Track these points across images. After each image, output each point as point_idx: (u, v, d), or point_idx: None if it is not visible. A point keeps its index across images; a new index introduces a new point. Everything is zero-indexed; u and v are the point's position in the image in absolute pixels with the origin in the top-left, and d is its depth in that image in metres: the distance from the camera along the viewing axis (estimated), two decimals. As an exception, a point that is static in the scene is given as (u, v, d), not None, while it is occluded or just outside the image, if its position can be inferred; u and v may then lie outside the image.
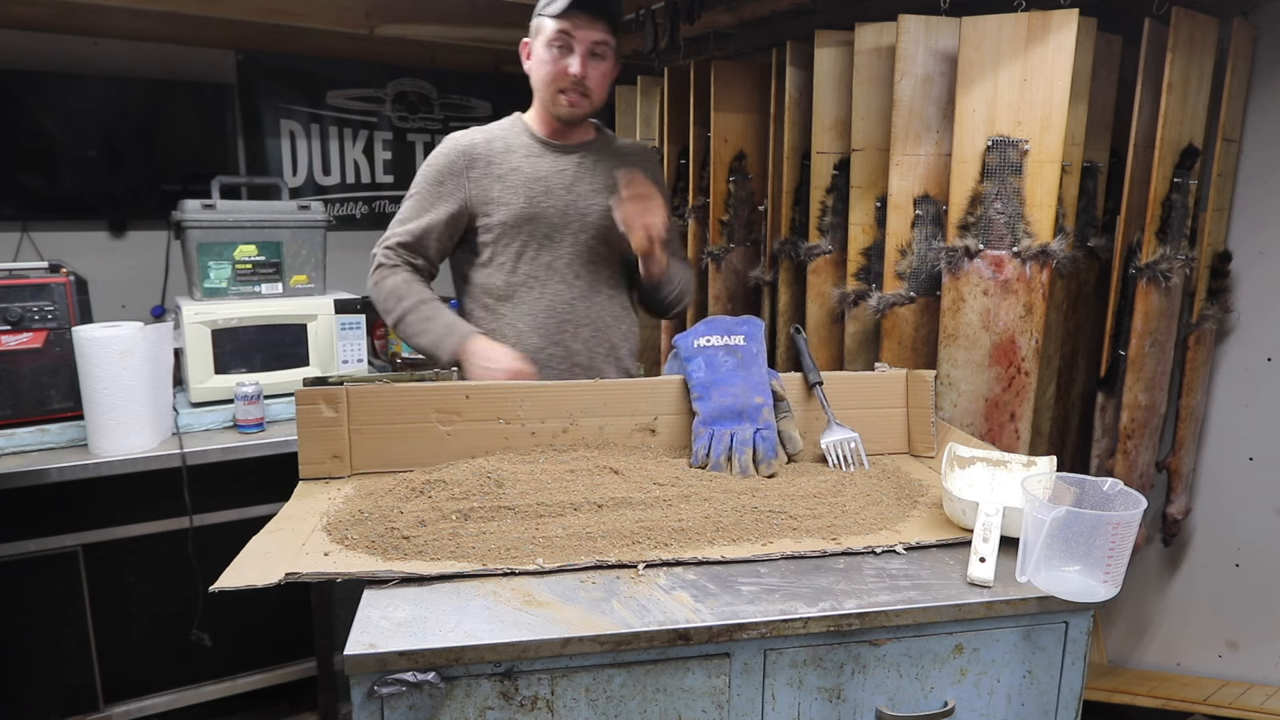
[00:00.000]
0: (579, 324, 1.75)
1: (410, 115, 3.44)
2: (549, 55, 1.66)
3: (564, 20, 1.62)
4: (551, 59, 1.66)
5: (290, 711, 2.44)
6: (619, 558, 1.11)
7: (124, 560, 2.13)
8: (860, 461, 1.46)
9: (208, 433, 2.19)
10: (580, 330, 1.76)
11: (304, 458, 1.41)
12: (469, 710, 0.95)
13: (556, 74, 1.67)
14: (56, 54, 2.73)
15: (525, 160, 1.75)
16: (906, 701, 1.06)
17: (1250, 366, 2.03)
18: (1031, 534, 1.02)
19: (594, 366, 1.78)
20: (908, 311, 1.99)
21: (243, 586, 1.02)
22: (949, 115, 1.89)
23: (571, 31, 1.63)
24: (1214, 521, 2.13)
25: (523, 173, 1.74)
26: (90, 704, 2.14)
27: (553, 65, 1.67)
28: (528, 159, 1.75)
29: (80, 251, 2.82)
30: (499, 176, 1.74)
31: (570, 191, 1.75)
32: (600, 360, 1.79)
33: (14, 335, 1.97)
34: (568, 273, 1.75)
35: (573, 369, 1.76)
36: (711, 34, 2.68)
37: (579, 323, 1.75)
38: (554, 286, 1.75)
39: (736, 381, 1.46)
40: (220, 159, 3.00)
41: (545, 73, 1.69)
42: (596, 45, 1.66)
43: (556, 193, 1.74)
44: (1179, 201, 1.91)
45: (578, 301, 1.75)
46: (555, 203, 1.74)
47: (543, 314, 1.75)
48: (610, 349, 1.82)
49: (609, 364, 1.81)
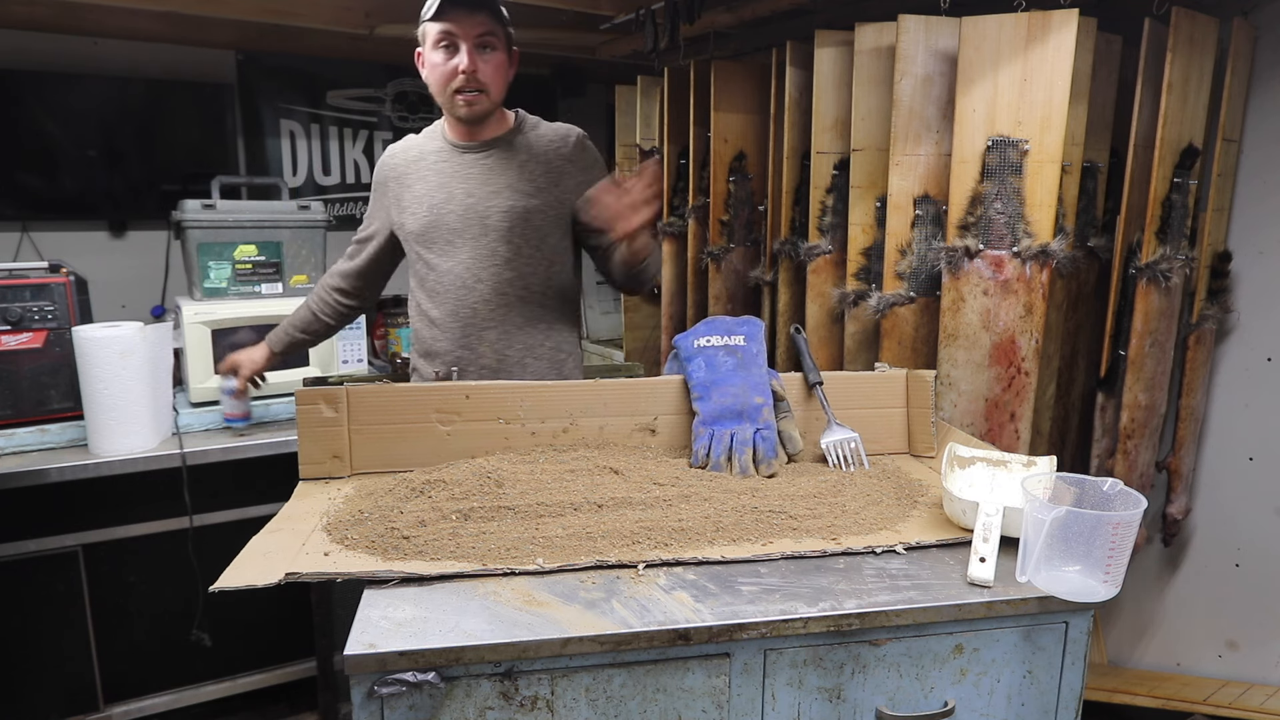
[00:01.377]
0: (483, 327, 1.73)
1: (410, 115, 3.43)
2: (438, 58, 1.65)
3: (443, 21, 1.61)
4: (440, 61, 1.64)
5: (290, 711, 2.44)
6: (619, 558, 1.11)
7: (124, 560, 2.13)
8: (860, 461, 1.46)
9: (208, 433, 2.19)
10: (486, 334, 1.74)
11: (304, 458, 1.41)
12: (469, 710, 0.95)
13: (447, 75, 1.64)
14: (56, 54, 2.73)
15: (433, 167, 1.76)
16: (906, 701, 1.06)
17: (1250, 366, 2.03)
18: (1031, 534, 1.02)
19: (503, 369, 1.75)
20: (908, 311, 1.99)
21: (243, 586, 1.02)
22: (949, 115, 1.89)
23: (454, 30, 1.61)
24: (1214, 521, 2.13)
25: (429, 180, 1.75)
26: (90, 704, 2.14)
27: (442, 67, 1.64)
28: (435, 165, 1.76)
29: (80, 251, 2.82)
30: (408, 186, 1.77)
31: (471, 195, 1.73)
32: (511, 364, 1.76)
33: (14, 335, 1.97)
34: (468, 277, 1.73)
35: (481, 371, 1.75)
36: (711, 34, 2.68)
37: (483, 326, 1.73)
38: (457, 292, 1.74)
39: (736, 381, 1.46)
40: (220, 159, 3.00)
41: (437, 76, 1.66)
42: (482, 37, 1.63)
43: (457, 197, 1.73)
44: (1179, 201, 1.91)
45: (480, 306, 1.73)
46: (455, 207, 1.72)
47: (449, 319, 1.75)
48: (524, 350, 1.77)
49: (520, 367, 1.77)
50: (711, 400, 1.45)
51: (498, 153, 1.75)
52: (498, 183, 1.73)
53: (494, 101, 1.70)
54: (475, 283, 1.73)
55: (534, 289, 1.77)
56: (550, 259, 1.77)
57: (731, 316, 1.59)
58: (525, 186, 1.72)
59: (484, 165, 1.74)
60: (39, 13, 2.52)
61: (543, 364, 1.78)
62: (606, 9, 2.61)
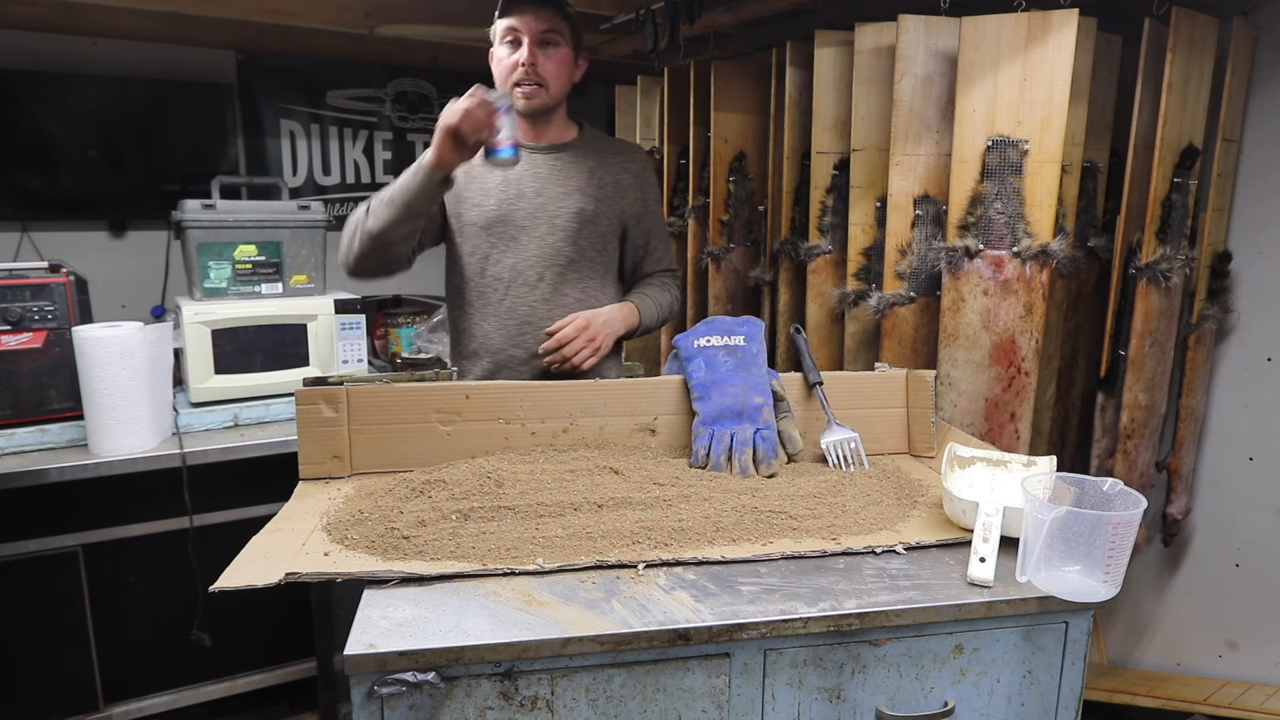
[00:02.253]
0: (539, 326, 1.73)
1: (410, 115, 3.44)
2: (503, 53, 1.70)
3: (509, 17, 1.66)
4: (505, 55, 1.69)
5: (290, 711, 2.44)
6: (619, 558, 1.11)
7: (124, 560, 2.13)
8: (860, 461, 1.46)
9: (208, 433, 2.19)
10: (541, 334, 1.74)
11: (304, 458, 1.41)
12: (469, 710, 0.95)
13: (508, 68, 1.69)
14: (56, 54, 2.73)
15: None
16: (906, 701, 1.06)
17: (1250, 366, 2.03)
18: (1031, 534, 1.02)
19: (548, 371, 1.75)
20: (908, 311, 1.99)
21: (243, 586, 1.02)
22: (949, 115, 1.89)
23: (518, 25, 1.66)
24: (1214, 521, 2.13)
25: (495, 175, 1.75)
26: (90, 704, 2.14)
27: (505, 61, 1.69)
28: None
29: (80, 251, 2.82)
30: (474, 177, 1.77)
31: (541, 194, 1.74)
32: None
33: (14, 335, 1.96)
34: (530, 275, 1.74)
35: (533, 372, 1.75)
36: (711, 34, 2.68)
37: (539, 325, 1.73)
38: (516, 289, 1.74)
39: (736, 381, 1.46)
40: (220, 159, 3.00)
41: (501, 70, 1.71)
42: (544, 34, 1.67)
43: (527, 195, 1.74)
44: (1179, 201, 1.91)
45: (539, 305, 1.74)
46: (525, 205, 1.73)
47: (504, 315, 1.75)
48: None
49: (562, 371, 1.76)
50: (711, 400, 1.45)
51: (568, 156, 1.77)
52: (568, 184, 1.75)
53: (554, 96, 1.73)
54: (537, 280, 1.74)
55: (590, 292, 1.79)
56: (606, 266, 1.82)
57: (731, 316, 1.59)
58: (594, 192, 1.75)
59: (554, 166, 1.76)
60: (39, 13, 2.52)
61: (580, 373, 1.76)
62: (606, 9, 2.61)
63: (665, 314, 1.88)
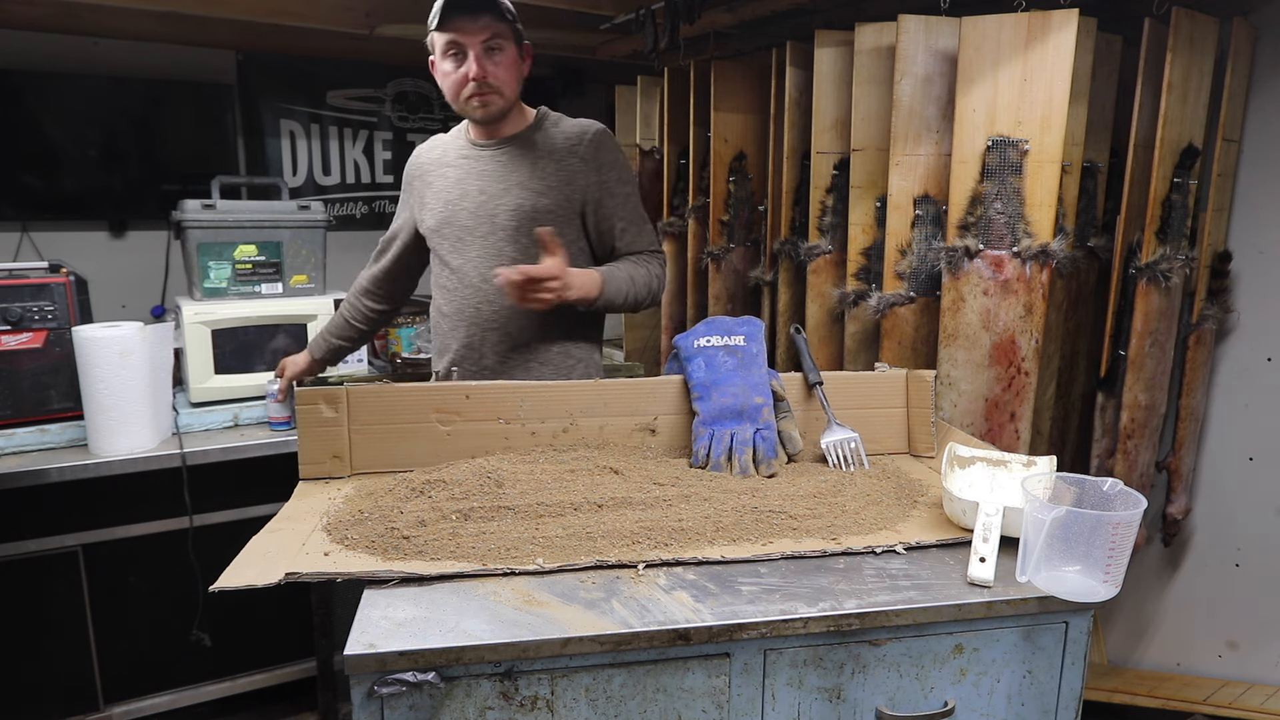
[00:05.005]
0: (486, 327, 1.72)
1: (410, 115, 3.43)
2: (448, 67, 1.65)
3: (448, 31, 1.60)
4: (451, 70, 1.64)
5: (290, 711, 2.44)
6: (619, 558, 1.11)
7: (124, 560, 2.13)
8: (860, 461, 1.46)
9: (208, 433, 2.19)
10: (488, 334, 1.73)
11: (304, 458, 1.41)
12: (469, 710, 0.95)
13: (458, 83, 1.64)
14: (56, 54, 2.73)
15: (453, 165, 1.77)
16: (906, 701, 1.06)
17: (1250, 366, 2.03)
18: (1031, 534, 1.02)
19: (504, 371, 1.74)
20: (908, 311, 1.99)
21: (243, 586, 1.02)
22: (949, 115, 1.89)
23: (458, 38, 1.60)
24: (1214, 521, 2.13)
25: (448, 178, 1.76)
26: (90, 704, 2.14)
27: (453, 75, 1.64)
28: (455, 163, 1.77)
29: (80, 251, 2.82)
30: (430, 184, 1.79)
31: (483, 193, 1.72)
32: (513, 366, 1.74)
33: (14, 335, 1.97)
34: (474, 276, 1.72)
35: (482, 371, 1.74)
36: (711, 34, 2.68)
37: (486, 326, 1.72)
38: (463, 291, 1.74)
39: (736, 382, 1.46)
40: (220, 159, 3.00)
41: (449, 85, 1.66)
42: (488, 41, 1.61)
43: (471, 195, 1.73)
44: (1179, 201, 1.91)
45: (484, 305, 1.72)
46: (468, 205, 1.72)
47: (455, 316, 1.76)
48: (525, 351, 1.74)
49: (523, 370, 1.74)
50: (711, 400, 1.45)
51: (511, 150, 1.72)
52: (508, 180, 1.71)
53: (509, 99, 1.69)
54: (482, 282, 1.72)
55: None
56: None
57: (731, 316, 1.59)
58: (536, 185, 1.69)
59: (498, 163, 1.73)
60: (39, 13, 2.52)
61: (547, 370, 1.74)
62: (606, 9, 2.61)
63: (642, 290, 1.72)
